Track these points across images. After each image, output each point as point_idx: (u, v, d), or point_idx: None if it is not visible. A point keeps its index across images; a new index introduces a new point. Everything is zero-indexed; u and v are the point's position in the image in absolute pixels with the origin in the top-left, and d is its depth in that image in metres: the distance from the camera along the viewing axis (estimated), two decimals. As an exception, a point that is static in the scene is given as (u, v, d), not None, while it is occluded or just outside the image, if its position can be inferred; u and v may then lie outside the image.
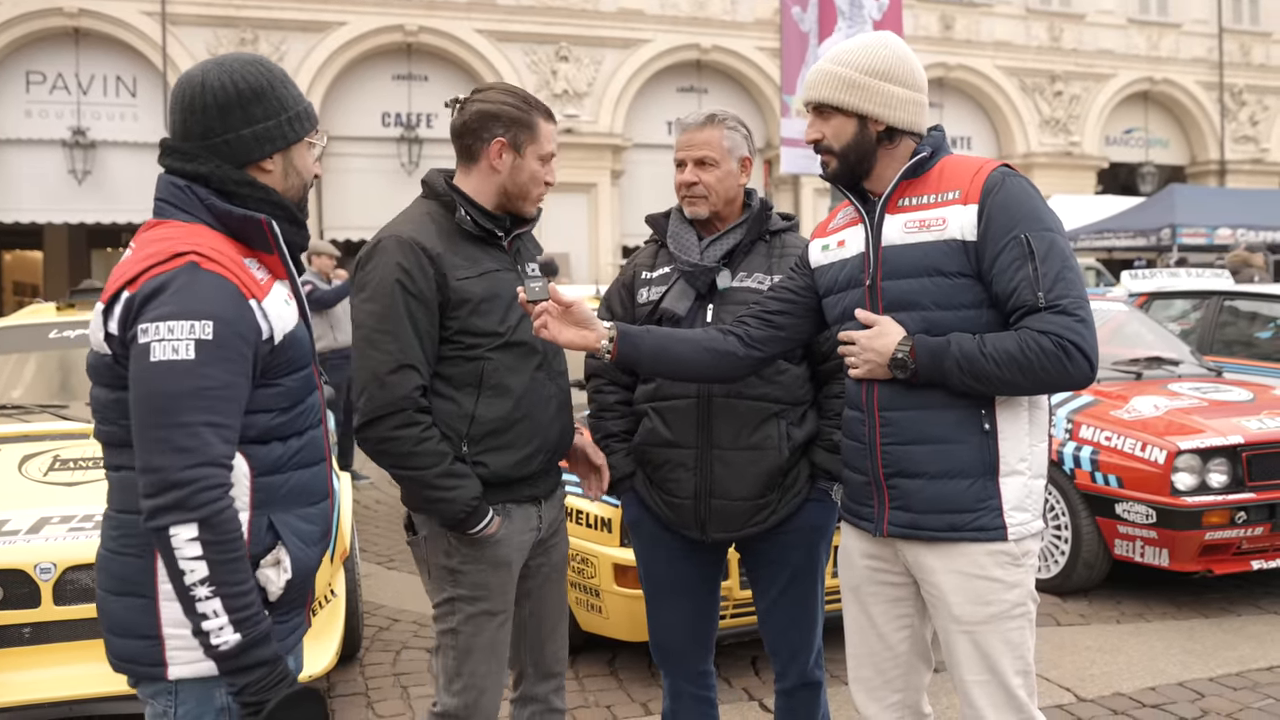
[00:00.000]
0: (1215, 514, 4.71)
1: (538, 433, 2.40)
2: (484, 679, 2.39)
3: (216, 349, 1.64)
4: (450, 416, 2.32)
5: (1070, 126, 22.08)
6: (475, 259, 2.36)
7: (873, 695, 2.34)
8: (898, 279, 2.16)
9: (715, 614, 2.78)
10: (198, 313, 1.64)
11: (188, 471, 1.60)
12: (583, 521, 4.02)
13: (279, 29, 17.37)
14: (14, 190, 16.68)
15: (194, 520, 1.60)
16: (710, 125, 2.60)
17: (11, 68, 16.74)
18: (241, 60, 1.83)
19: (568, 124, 18.63)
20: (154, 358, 1.62)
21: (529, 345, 2.39)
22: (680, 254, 2.61)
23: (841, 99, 2.20)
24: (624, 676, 4.17)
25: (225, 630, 1.63)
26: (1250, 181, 22.88)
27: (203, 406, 1.63)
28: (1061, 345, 2.00)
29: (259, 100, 1.80)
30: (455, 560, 2.36)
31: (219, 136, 1.78)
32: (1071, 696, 3.93)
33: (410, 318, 2.25)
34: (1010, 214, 2.07)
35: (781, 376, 2.55)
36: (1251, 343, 7.38)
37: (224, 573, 1.62)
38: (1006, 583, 2.12)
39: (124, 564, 1.73)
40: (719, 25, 19.73)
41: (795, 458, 2.57)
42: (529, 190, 2.42)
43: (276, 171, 1.84)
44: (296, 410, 1.82)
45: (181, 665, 1.71)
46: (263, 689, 1.66)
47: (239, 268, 1.73)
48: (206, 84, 1.78)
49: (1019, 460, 2.12)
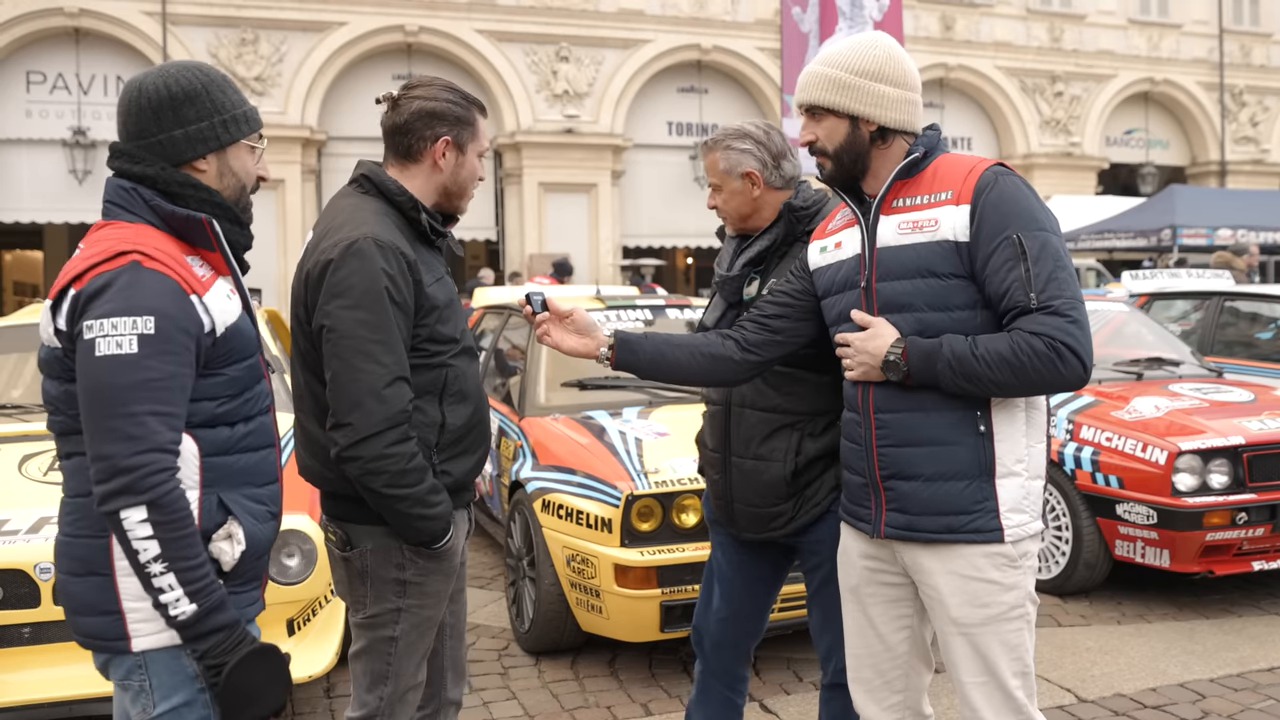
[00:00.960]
0: (1216, 515, 4.71)
1: (486, 437, 2.42)
2: (410, 679, 2.36)
3: (158, 342, 1.75)
4: (420, 426, 2.22)
5: (1070, 127, 22.07)
6: (431, 264, 2.29)
7: (872, 696, 2.34)
8: (892, 280, 2.15)
9: (759, 620, 2.84)
10: (139, 309, 1.75)
11: (135, 458, 1.72)
12: (583, 522, 4.02)
13: (279, 29, 17.36)
14: (14, 190, 16.68)
15: (143, 503, 1.72)
16: (709, 150, 2.70)
17: (12, 67, 16.73)
18: (181, 65, 1.95)
19: (568, 124, 18.63)
20: (99, 352, 1.73)
21: (472, 350, 2.40)
22: (717, 268, 2.75)
23: (832, 100, 2.20)
24: (624, 677, 4.17)
25: (182, 601, 1.76)
26: (1251, 182, 22.88)
27: (147, 396, 1.74)
28: (1054, 347, 1.99)
29: (191, 102, 1.90)
30: (409, 572, 2.27)
31: (153, 137, 1.89)
32: (1072, 697, 3.93)
33: (398, 327, 2.15)
34: (1003, 214, 2.05)
35: (796, 387, 2.55)
36: (1252, 343, 7.38)
37: (175, 549, 1.74)
38: (1004, 585, 2.11)
39: (82, 546, 1.84)
40: (719, 25, 19.72)
41: (813, 470, 2.55)
42: (468, 188, 2.40)
43: (210, 172, 1.94)
44: (243, 398, 1.94)
45: (144, 637, 1.82)
46: (224, 651, 1.80)
47: (180, 265, 1.84)
48: (143, 88, 1.90)
49: (1015, 462, 2.12)
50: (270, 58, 17.35)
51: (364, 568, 2.29)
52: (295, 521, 3.48)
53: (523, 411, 5.02)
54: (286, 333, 6.14)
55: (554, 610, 4.20)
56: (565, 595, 4.16)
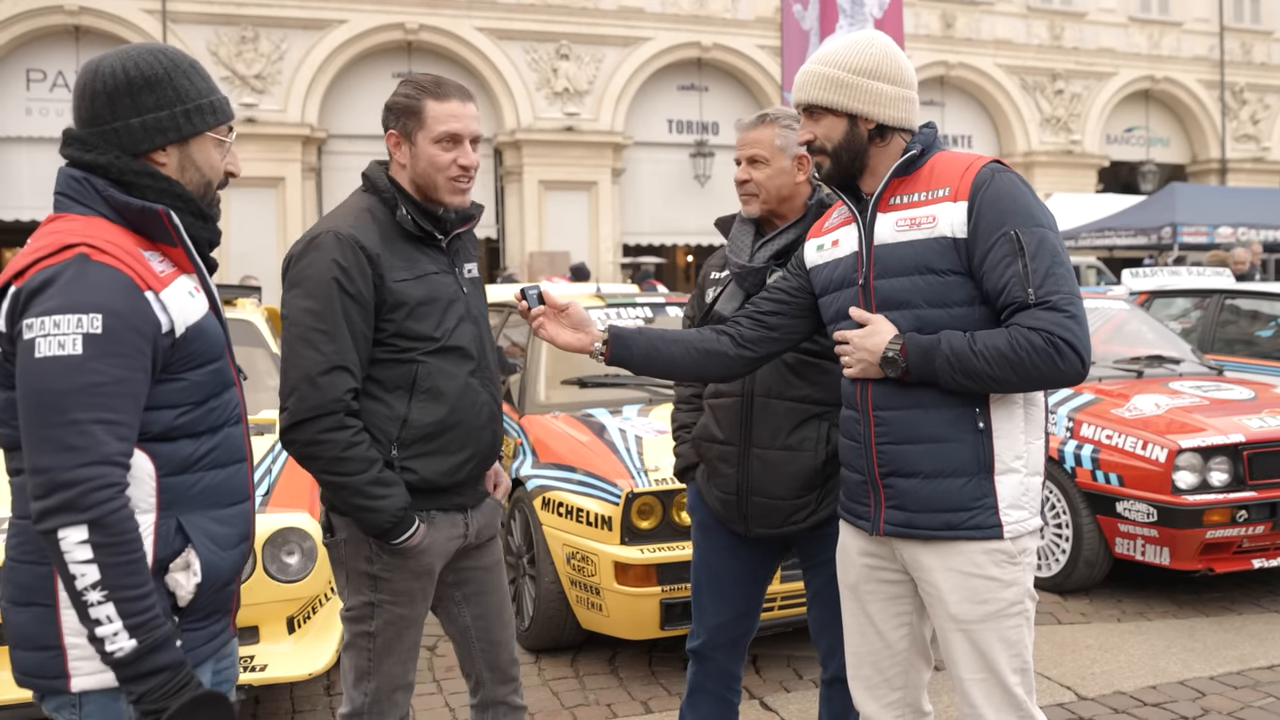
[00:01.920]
0: (1216, 512, 4.70)
1: (470, 440, 2.35)
2: (396, 678, 2.36)
3: (106, 343, 1.57)
4: (380, 419, 2.24)
5: (1071, 125, 22.07)
6: (413, 260, 2.29)
7: (872, 693, 2.33)
8: (889, 278, 2.15)
9: (755, 616, 2.82)
10: (85, 305, 1.57)
11: (77, 471, 1.54)
12: (583, 519, 4.02)
13: (279, 26, 17.36)
14: (14, 188, 16.69)
15: (83, 522, 1.53)
16: (762, 124, 2.63)
17: (12, 65, 16.74)
18: (144, 48, 1.77)
19: (568, 122, 18.63)
20: (39, 354, 1.55)
21: (464, 350, 2.34)
22: (733, 256, 2.67)
23: (829, 99, 2.19)
24: (624, 675, 4.17)
25: (120, 636, 1.56)
26: (1251, 180, 22.87)
27: (93, 403, 1.56)
28: (1052, 342, 1.99)
29: (151, 89, 1.72)
30: (376, 567, 2.30)
31: (108, 124, 1.72)
32: (1072, 695, 3.93)
33: (347, 318, 2.18)
34: (1000, 210, 2.05)
35: (825, 377, 2.54)
36: (1252, 341, 7.38)
37: (117, 576, 1.55)
38: (1003, 581, 2.11)
39: (26, 572, 1.67)
40: (720, 23, 19.71)
41: (836, 461, 2.53)
42: (433, 178, 2.29)
43: (171, 165, 1.76)
44: (207, 406, 1.75)
45: (84, 676, 1.64)
46: (162, 696, 1.59)
47: (134, 259, 1.66)
48: (99, 70, 1.72)
49: (1014, 458, 2.12)
50: (270, 55, 17.36)
51: (339, 557, 2.35)
52: (295, 519, 3.48)
53: (522, 409, 5.02)
54: (287, 331, 6.14)
55: (554, 608, 4.20)
56: (565, 593, 4.16)
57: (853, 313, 2.19)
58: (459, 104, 2.30)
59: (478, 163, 2.37)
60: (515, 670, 2.59)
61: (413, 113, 2.29)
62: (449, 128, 2.28)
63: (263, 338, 5.13)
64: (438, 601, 2.50)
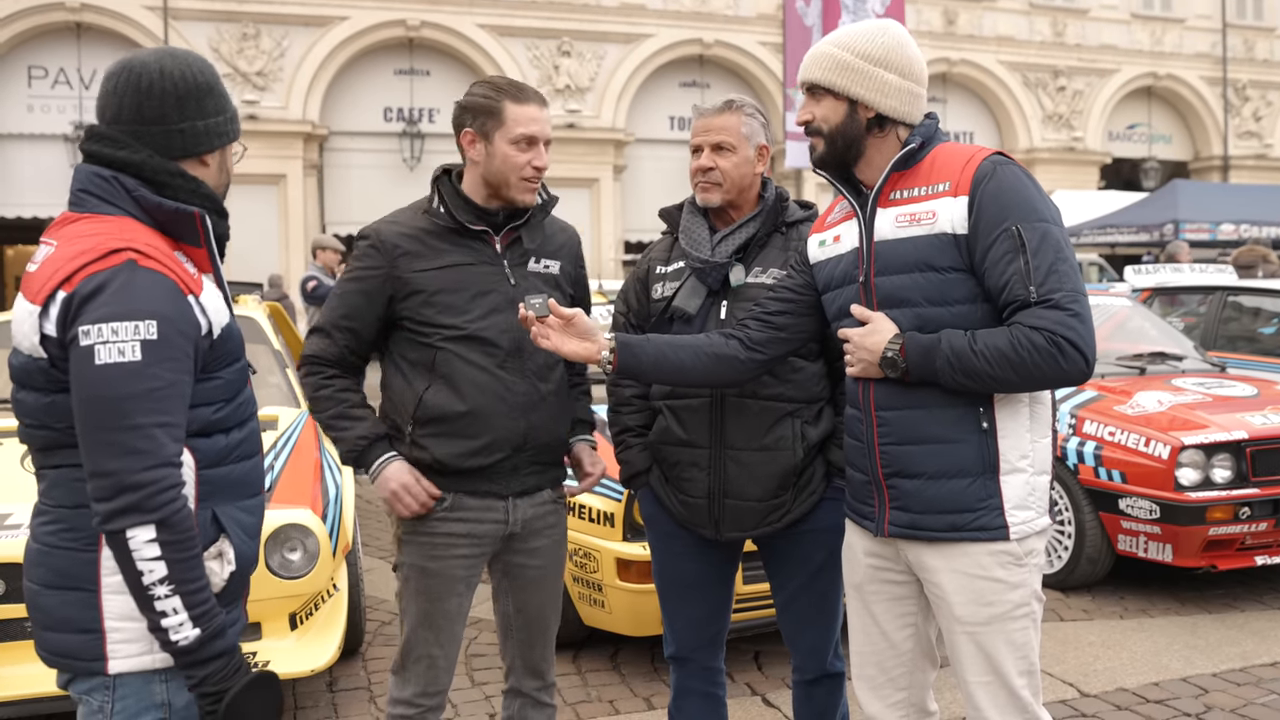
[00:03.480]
0: (1219, 509, 4.70)
1: (490, 428, 2.41)
2: (416, 645, 2.49)
3: (161, 348, 1.63)
4: (401, 395, 2.44)
5: (1073, 122, 22.04)
6: (442, 251, 2.42)
7: (877, 693, 2.31)
8: (890, 274, 2.11)
9: (728, 611, 2.76)
10: (140, 312, 1.62)
11: (145, 474, 1.61)
12: (585, 516, 4.01)
13: (281, 23, 17.35)
14: (16, 185, 16.69)
15: (152, 522, 1.61)
16: (728, 111, 2.53)
17: (13, 62, 16.73)
18: (190, 55, 1.83)
19: (570, 119, 18.61)
20: (100, 360, 1.60)
21: (489, 341, 2.40)
22: (691, 249, 2.55)
23: (832, 80, 2.16)
24: (626, 671, 4.17)
25: (185, 626, 1.64)
26: (1254, 177, 22.84)
27: (153, 408, 1.63)
28: (1054, 341, 1.95)
29: (211, 95, 1.81)
30: (401, 529, 2.49)
31: (174, 125, 1.76)
32: (1075, 692, 3.92)
33: (350, 296, 2.46)
34: (1001, 205, 2.01)
35: (796, 375, 2.50)
36: (1255, 338, 7.37)
37: (182, 570, 1.64)
38: (1009, 583, 2.08)
39: (64, 557, 1.72)
40: (721, 20, 19.69)
41: (810, 457, 2.51)
42: (507, 176, 2.40)
43: (213, 167, 1.85)
44: (236, 402, 1.83)
45: (123, 659, 1.70)
46: (222, 679, 1.68)
47: (175, 263, 1.71)
48: (165, 71, 1.76)
49: (1020, 458, 2.08)
50: (272, 52, 17.34)
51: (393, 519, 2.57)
52: (297, 515, 3.48)
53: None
54: (288, 327, 6.15)
55: (556, 604, 4.20)
56: (568, 589, 4.16)
57: (854, 310, 2.17)
58: (537, 108, 2.41)
59: (548, 164, 2.46)
60: (546, 669, 2.66)
61: (492, 113, 2.39)
62: (528, 130, 2.38)
63: (265, 334, 5.13)
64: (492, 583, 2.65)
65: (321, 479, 3.95)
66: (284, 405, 4.73)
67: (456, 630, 2.53)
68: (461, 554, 2.46)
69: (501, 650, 2.69)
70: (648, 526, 2.73)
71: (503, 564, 2.58)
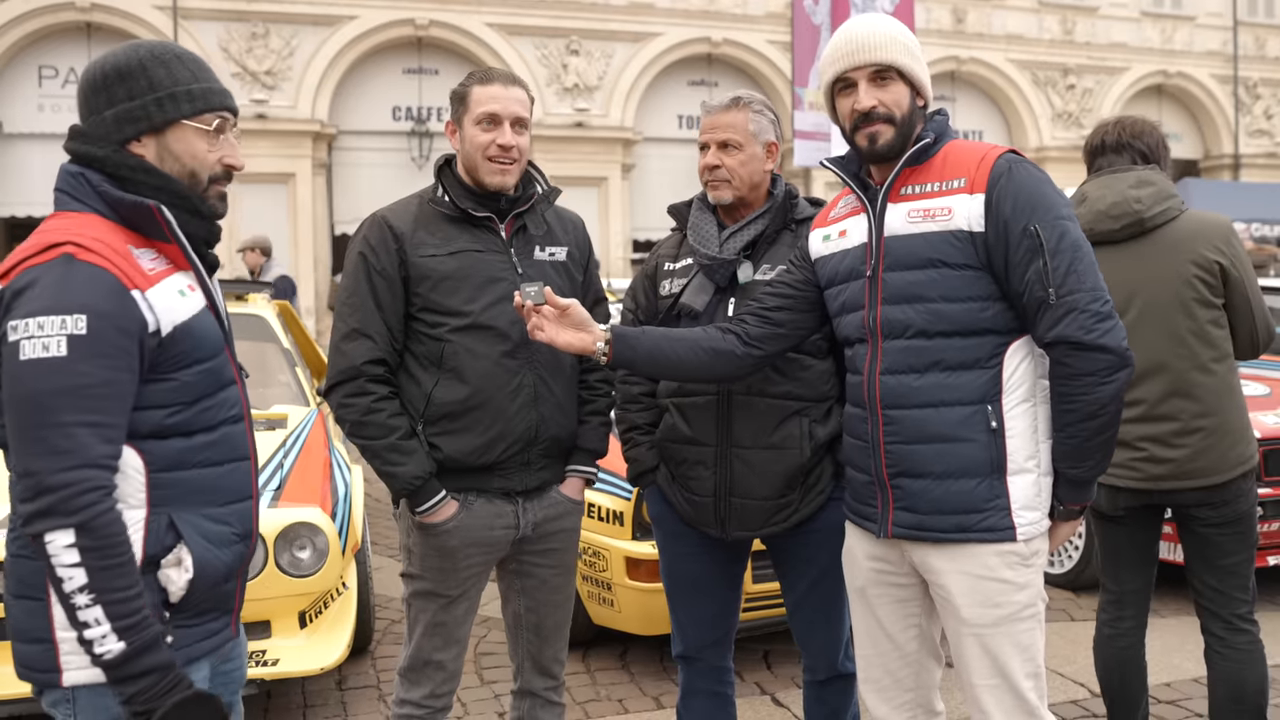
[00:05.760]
0: (1231, 509, 4.67)
1: (498, 421, 2.37)
2: (424, 652, 2.47)
3: (91, 344, 1.56)
4: (412, 395, 2.39)
5: (1083, 120, 21.97)
6: (450, 238, 2.40)
7: (883, 696, 2.29)
8: (901, 270, 2.08)
9: (736, 611, 2.74)
10: (69, 306, 1.55)
11: (63, 474, 1.53)
12: (594, 515, 4.01)
13: (290, 23, 17.39)
14: (26, 184, 16.77)
15: (70, 525, 1.53)
16: (736, 108, 2.50)
17: (24, 62, 16.80)
18: (132, 44, 1.78)
19: (578, 118, 18.62)
20: (24, 356, 1.54)
21: (497, 330, 2.37)
22: (699, 246, 2.53)
23: (906, 63, 2.10)
24: (635, 670, 4.17)
25: (108, 638, 1.55)
26: (1265, 175, 22.75)
27: (78, 405, 1.55)
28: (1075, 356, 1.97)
29: (123, 80, 1.71)
30: (411, 540, 2.45)
31: (101, 113, 1.72)
32: (1086, 692, 3.91)
33: (372, 291, 2.35)
34: (1018, 204, 1.99)
35: (804, 373, 2.47)
36: (1267, 337, 7.32)
37: (104, 579, 1.55)
38: (1016, 584, 2.06)
39: (23, 565, 1.67)
40: (730, 19, 19.68)
41: (818, 456, 2.49)
42: (474, 158, 2.40)
43: (149, 155, 1.73)
44: (200, 406, 1.72)
45: (75, 671, 1.63)
46: (152, 697, 1.58)
47: (121, 257, 1.63)
48: (102, 62, 1.75)
49: (1027, 458, 2.06)
50: (281, 52, 17.38)
51: (400, 528, 2.52)
52: (307, 514, 3.48)
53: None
54: (298, 326, 6.15)
55: (565, 603, 4.20)
56: (577, 588, 4.15)
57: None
58: (500, 87, 2.41)
59: (519, 144, 2.42)
60: (556, 669, 2.65)
61: (462, 99, 2.44)
62: (488, 109, 2.38)
63: (274, 332, 5.13)
64: (501, 584, 2.63)
65: (331, 477, 3.96)
66: (293, 404, 4.74)
67: (464, 634, 2.53)
68: (471, 563, 2.45)
69: (511, 650, 2.67)
70: (655, 525, 2.71)
71: (516, 565, 2.56)
